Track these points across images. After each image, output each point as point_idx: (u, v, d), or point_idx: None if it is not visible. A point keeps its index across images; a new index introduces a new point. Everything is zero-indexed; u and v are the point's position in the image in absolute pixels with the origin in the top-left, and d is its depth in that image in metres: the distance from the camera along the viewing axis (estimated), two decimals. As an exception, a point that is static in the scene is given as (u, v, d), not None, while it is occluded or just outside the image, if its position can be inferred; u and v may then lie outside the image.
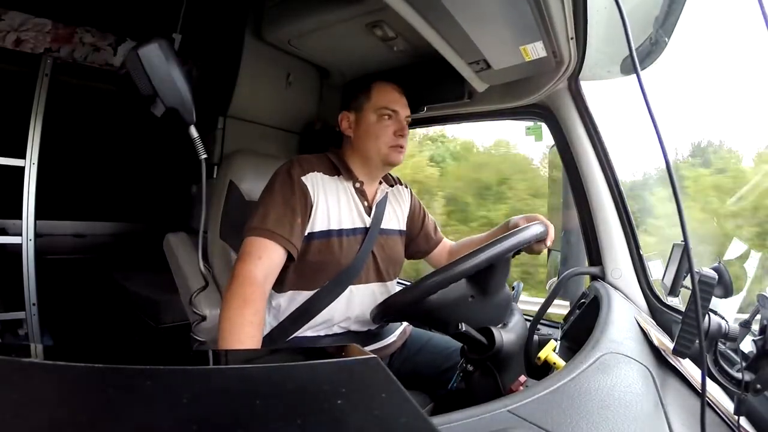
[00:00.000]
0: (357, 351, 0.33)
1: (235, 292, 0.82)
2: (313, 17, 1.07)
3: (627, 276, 1.07)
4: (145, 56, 0.69)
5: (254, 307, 0.82)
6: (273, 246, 0.88)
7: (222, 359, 0.46)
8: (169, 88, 0.71)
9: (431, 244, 1.23)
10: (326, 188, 0.98)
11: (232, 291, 0.83)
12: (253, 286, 0.83)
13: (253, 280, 0.84)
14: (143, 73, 0.69)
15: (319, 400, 0.26)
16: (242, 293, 0.82)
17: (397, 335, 1.10)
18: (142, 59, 0.69)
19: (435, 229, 1.25)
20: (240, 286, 0.83)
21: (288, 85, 1.38)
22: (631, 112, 1.44)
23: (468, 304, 0.72)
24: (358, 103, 1.03)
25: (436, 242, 1.24)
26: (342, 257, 0.97)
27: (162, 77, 0.70)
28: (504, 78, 1.10)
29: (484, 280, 0.73)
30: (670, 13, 0.84)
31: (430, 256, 1.25)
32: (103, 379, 0.25)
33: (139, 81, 0.70)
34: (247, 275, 0.84)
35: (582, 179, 1.12)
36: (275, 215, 0.90)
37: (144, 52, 0.69)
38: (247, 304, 0.81)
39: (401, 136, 1.01)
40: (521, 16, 0.78)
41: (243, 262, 0.86)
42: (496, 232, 1.11)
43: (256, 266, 0.85)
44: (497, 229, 1.12)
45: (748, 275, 0.90)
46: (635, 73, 0.44)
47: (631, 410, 0.53)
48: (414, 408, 0.27)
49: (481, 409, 0.50)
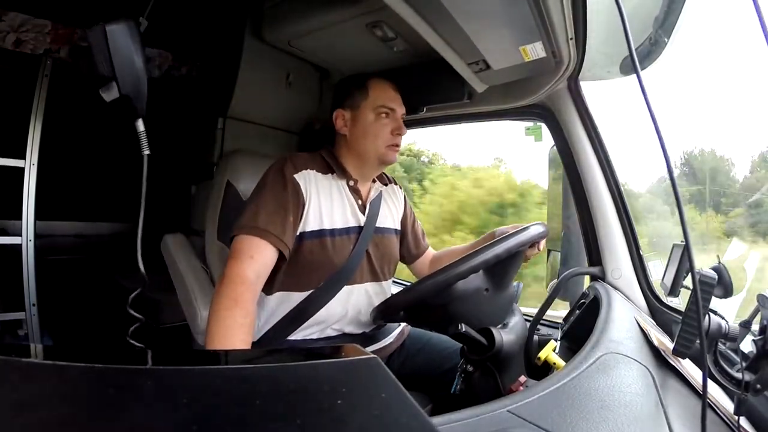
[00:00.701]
0: (357, 351, 0.33)
1: (225, 292, 0.79)
2: (313, 17, 1.07)
3: (627, 276, 1.07)
4: (112, 34, 0.64)
5: (245, 309, 0.79)
6: (265, 245, 0.85)
7: (222, 359, 0.46)
8: (129, 73, 0.66)
9: (420, 250, 1.23)
10: (319, 186, 0.96)
11: (222, 291, 0.80)
12: (243, 285, 0.81)
13: (245, 280, 0.81)
14: (106, 51, 0.65)
15: (319, 400, 0.26)
16: (232, 293, 0.79)
17: (394, 337, 1.09)
18: (108, 36, 0.64)
19: (423, 235, 1.25)
20: (230, 286, 0.80)
21: (288, 86, 1.38)
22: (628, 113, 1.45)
23: (482, 297, 0.73)
24: (354, 101, 1.01)
25: (424, 248, 1.24)
26: (335, 257, 0.96)
27: (124, 60, 0.65)
28: (504, 78, 1.10)
29: (500, 272, 0.73)
30: (670, 13, 0.84)
31: (416, 264, 1.24)
32: (103, 379, 0.25)
33: (99, 59, 0.65)
34: (239, 275, 0.81)
35: (582, 179, 1.12)
36: (266, 213, 0.88)
37: (112, 30, 0.64)
38: (238, 305, 0.78)
39: (398, 135, 1.00)
40: (521, 17, 0.78)
41: (234, 261, 0.83)
42: (479, 242, 1.10)
43: (248, 266, 0.83)
44: (481, 239, 1.12)
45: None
46: (635, 73, 0.44)
47: (631, 410, 0.53)
48: (414, 408, 0.27)
49: (481, 410, 0.50)
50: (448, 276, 0.67)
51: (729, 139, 2.47)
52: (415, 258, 1.23)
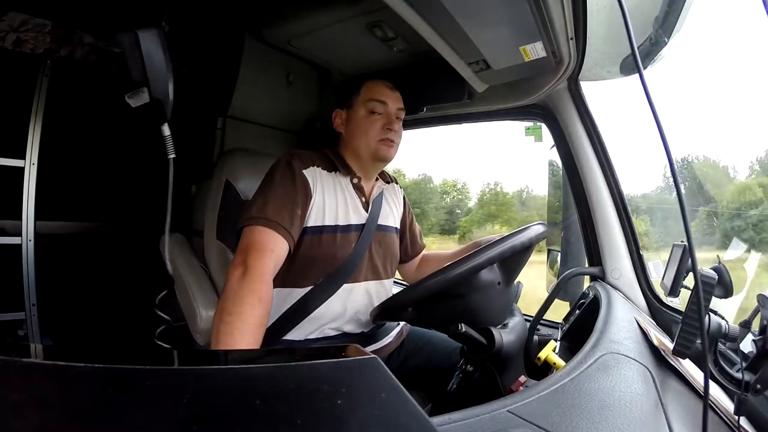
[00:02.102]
0: (357, 351, 0.33)
1: (251, 288, 0.73)
2: (313, 17, 1.07)
3: (627, 276, 1.08)
4: (145, 40, 0.65)
5: (267, 309, 0.74)
6: (279, 238, 0.83)
7: (222, 359, 0.46)
8: (160, 78, 0.67)
9: (416, 250, 1.23)
10: (324, 183, 0.97)
11: (247, 287, 0.73)
12: (268, 283, 0.76)
13: (269, 277, 0.77)
14: (139, 57, 0.65)
15: (319, 400, 0.26)
16: (258, 291, 0.73)
17: (393, 336, 1.08)
18: (140, 42, 0.65)
19: (420, 236, 1.25)
20: (256, 283, 0.74)
21: (288, 85, 1.38)
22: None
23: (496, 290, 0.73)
24: (350, 100, 1.02)
25: (420, 249, 1.24)
26: (337, 252, 0.95)
27: (155, 65, 0.66)
28: (504, 78, 1.10)
29: (511, 267, 0.74)
30: (670, 13, 0.84)
31: (407, 264, 1.23)
32: (103, 379, 0.25)
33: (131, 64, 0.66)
34: (264, 270, 0.76)
35: (582, 179, 1.12)
36: (276, 206, 0.86)
37: (144, 36, 0.65)
38: (263, 304, 0.73)
39: (390, 130, 0.99)
40: (521, 17, 0.78)
41: (258, 253, 0.78)
42: (463, 250, 1.11)
43: (270, 259, 0.79)
44: (465, 248, 1.12)
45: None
46: (638, 72, 0.44)
47: (631, 410, 0.53)
48: (414, 408, 0.27)
49: (481, 409, 0.50)
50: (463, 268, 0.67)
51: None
52: (410, 258, 1.23)
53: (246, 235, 0.84)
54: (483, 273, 0.70)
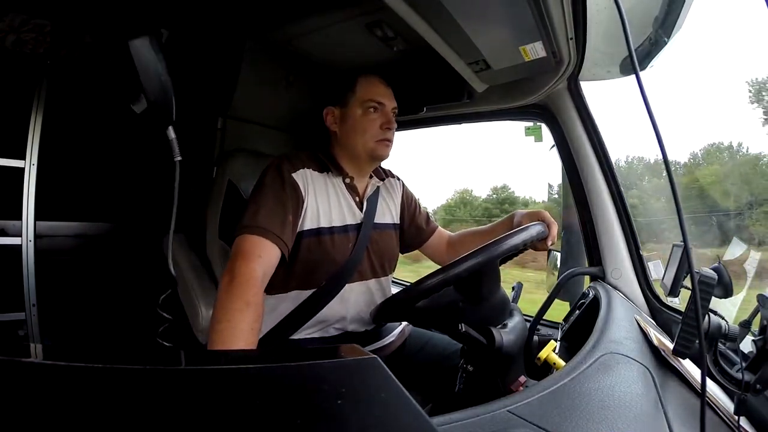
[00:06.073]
0: (357, 351, 0.33)
1: (238, 293, 0.75)
2: (313, 17, 1.07)
3: (627, 276, 1.08)
4: (135, 49, 0.66)
5: (257, 312, 0.76)
6: (269, 245, 0.84)
7: (222, 359, 0.46)
8: (155, 84, 0.68)
9: (424, 236, 1.20)
10: (316, 185, 0.96)
11: (234, 292, 0.75)
12: (255, 288, 0.78)
13: (256, 282, 0.78)
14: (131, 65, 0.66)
15: (319, 400, 0.26)
16: (245, 295, 0.75)
17: (395, 335, 1.09)
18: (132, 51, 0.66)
19: (427, 219, 1.22)
20: (242, 288, 0.76)
21: (288, 85, 1.38)
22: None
23: (459, 309, 0.71)
24: (343, 97, 1.00)
25: (429, 233, 1.21)
26: (336, 255, 0.95)
27: (149, 72, 0.67)
28: (503, 78, 1.10)
29: (471, 287, 0.71)
30: (670, 13, 0.84)
31: (426, 247, 1.22)
32: (103, 379, 0.25)
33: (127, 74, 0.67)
34: (251, 275, 0.78)
35: (582, 179, 1.12)
36: (266, 213, 0.86)
37: (135, 45, 0.66)
38: (250, 307, 0.75)
39: (388, 129, 0.99)
40: (521, 17, 0.78)
41: (243, 261, 0.80)
42: (498, 225, 1.08)
43: (257, 265, 0.80)
44: (500, 223, 1.09)
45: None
46: (634, 73, 0.44)
47: (631, 410, 0.53)
48: (414, 408, 0.27)
49: (481, 409, 0.50)
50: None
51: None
52: (420, 243, 1.21)
53: (236, 244, 0.85)
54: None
